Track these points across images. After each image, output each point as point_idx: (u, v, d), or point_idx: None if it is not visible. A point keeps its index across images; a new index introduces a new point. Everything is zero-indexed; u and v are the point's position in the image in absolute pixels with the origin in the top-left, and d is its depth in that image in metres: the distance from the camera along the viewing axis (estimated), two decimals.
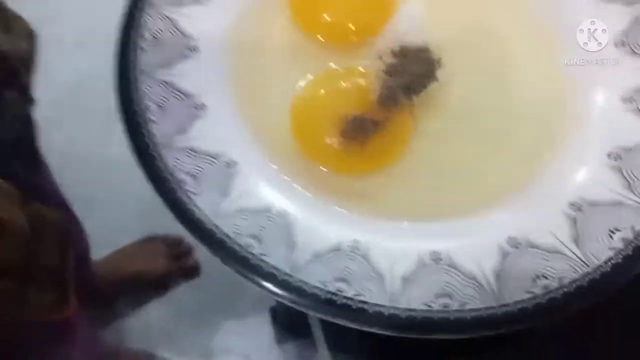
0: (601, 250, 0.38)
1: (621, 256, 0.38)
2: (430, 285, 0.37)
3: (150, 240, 0.85)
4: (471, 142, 0.46)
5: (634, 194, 0.41)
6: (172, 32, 0.46)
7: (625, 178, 0.42)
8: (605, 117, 0.45)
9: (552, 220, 0.41)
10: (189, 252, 0.84)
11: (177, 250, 0.84)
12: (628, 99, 0.45)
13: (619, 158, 0.43)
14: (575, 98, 0.47)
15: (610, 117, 0.45)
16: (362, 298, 0.37)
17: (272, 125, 0.46)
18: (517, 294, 0.37)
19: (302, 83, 0.48)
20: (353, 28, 0.51)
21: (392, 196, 0.44)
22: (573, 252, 0.39)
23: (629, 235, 0.39)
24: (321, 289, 0.37)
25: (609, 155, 0.43)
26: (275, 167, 0.43)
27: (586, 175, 0.43)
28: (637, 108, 0.45)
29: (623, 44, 0.47)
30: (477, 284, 0.37)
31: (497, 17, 0.52)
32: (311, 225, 0.40)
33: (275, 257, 0.38)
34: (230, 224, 0.39)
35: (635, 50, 0.47)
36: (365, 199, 0.44)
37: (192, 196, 0.39)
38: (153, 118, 0.42)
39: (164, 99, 0.43)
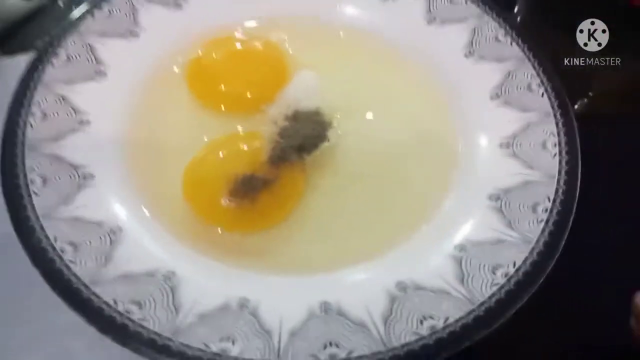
0: (485, 287, 0.39)
1: (504, 291, 0.39)
2: (319, 336, 0.37)
3: None
4: (361, 196, 0.48)
5: (515, 230, 0.42)
6: (63, 108, 0.47)
7: (506, 216, 0.43)
8: (486, 163, 0.48)
9: (439, 263, 0.41)
10: None
11: None
12: (505, 145, 0.48)
13: (499, 199, 0.44)
14: (458, 148, 0.50)
15: (490, 163, 0.48)
16: (247, 356, 0.36)
17: (164, 189, 0.46)
18: (404, 337, 0.37)
19: (197, 148, 0.49)
20: (248, 96, 0.53)
21: (284, 251, 0.44)
22: (458, 291, 0.39)
23: (511, 270, 0.40)
24: (204, 351, 0.35)
25: (490, 197, 0.45)
26: (165, 229, 0.43)
27: (470, 217, 0.44)
28: (514, 152, 0.47)
29: (498, 96, 0.51)
30: (365, 329, 0.37)
31: (386, 79, 0.56)
32: (199, 286, 0.39)
33: (156, 322, 0.36)
34: (111, 291, 0.37)
35: (510, 102, 0.50)
36: (257, 255, 0.44)
37: (71, 265, 0.38)
38: (36, 191, 0.41)
39: (50, 172, 0.43)
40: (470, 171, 0.47)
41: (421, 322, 0.37)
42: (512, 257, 0.40)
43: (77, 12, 0.53)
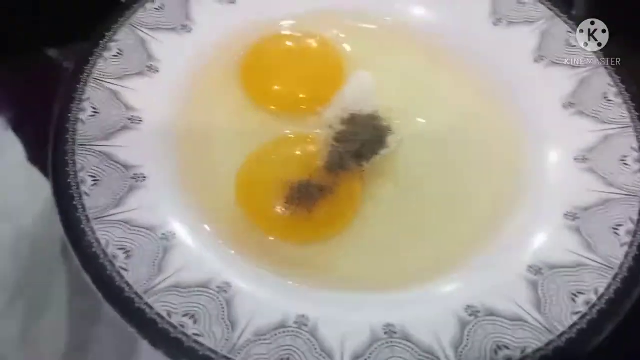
0: (565, 316, 0.36)
1: (586, 321, 0.35)
2: None
3: None
4: (424, 209, 0.45)
5: (595, 253, 0.39)
6: (115, 104, 0.45)
7: (584, 238, 0.40)
8: (560, 177, 0.44)
9: (512, 286, 0.38)
10: None
11: None
12: (581, 159, 0.45)
13: (576, 218, 0.41)
14: (529, 160, 0.46)
15: (564, 178, 0.44)
16: None
17: (217, 194, 0.44)
18: None
19: (250, 150, 0.46)
20: (303, 97, 0.51)
21: (343, 265, 0.42)
22: (535, 319, 0.36)
23: (593, 297, 0.37)
24: None
25: (566, 216, 0.42)
26: (218, 238, 0.41)
27: (544, 237, 0.41)
28: (590, 167, 0.44)
29: (572, 105, 0.48)
30: (434, 358, 0.34)
31: (449, 83, 0.53)
32: (254, 301, 0.37)
33: (212, 338, 0.34)
34: (164, 302, 0.35)
35: (584, 112, 0.47)
36: (314, 269, 0.41)
37: (123, 273, 0.36)
38: (87, 191, 0.40)
39: (101, 172, 0.41)
40: (542, 186, 0.44)
41: (496, 352, 0.34)
42: (594, 283, 0.37)
43: (128, 5, 0.51)
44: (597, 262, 0.38)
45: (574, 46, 0.51)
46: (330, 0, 0.55)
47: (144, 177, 0.42)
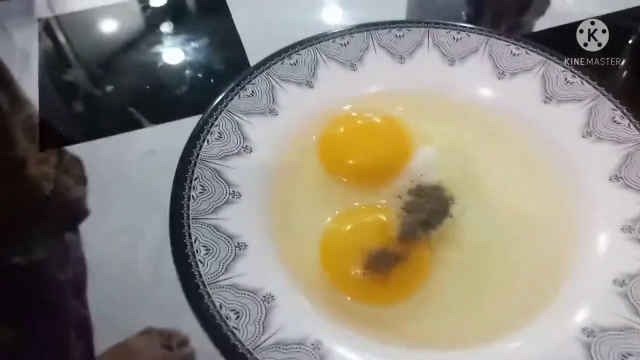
0: None
1: None
2: None
3: (147, 333, 0.86)
4: (484, 273, 0.51)
5: None
6: (218, 181, 0.54)
7: (632, 304, 0.45)
8: (608, 247, 0.50)
9: (567, 347, 0.44)
10: (184, 343, 0.84)
11: (173, 342, 0.84)
12: (627, 229, 0.50)
13: (624, 284, 0.46)
14: (578, 230, 0.52)
15: (612, 247, 0.49)
16: None
17: (303, 259, 0.51)
18: None
19: (330, 220, 0.54)
20: (375, 171, 0.58)
21: (414, 325, 0.48)
22: None
23: None
24: None
25: (614, 282, 0.47)
26: (307, 299, 0.48)
27: (595, 302, 0.46)
28: (636, 237, 0.49)
29: (617, 178, 0.53)
30: None
31: (501, 159, 0.59)
32: (341, 357, 0.44)
33: None
34: (270, 357, 0.43)
35: (629, 184, 0.52)
36: (389, 328, 0.48)
37: (235, 331, 0.44)
38: (201, 259, 0.48)
39: (211, 242, 0.49)
40: (593, 255, 0.49)
41: None
42: None
43: (225, 92, 0.60)
44: None
45: (619, 123, 0.56)
46: (392, 82, 0.63)
47: (246, 245, 0.50)
